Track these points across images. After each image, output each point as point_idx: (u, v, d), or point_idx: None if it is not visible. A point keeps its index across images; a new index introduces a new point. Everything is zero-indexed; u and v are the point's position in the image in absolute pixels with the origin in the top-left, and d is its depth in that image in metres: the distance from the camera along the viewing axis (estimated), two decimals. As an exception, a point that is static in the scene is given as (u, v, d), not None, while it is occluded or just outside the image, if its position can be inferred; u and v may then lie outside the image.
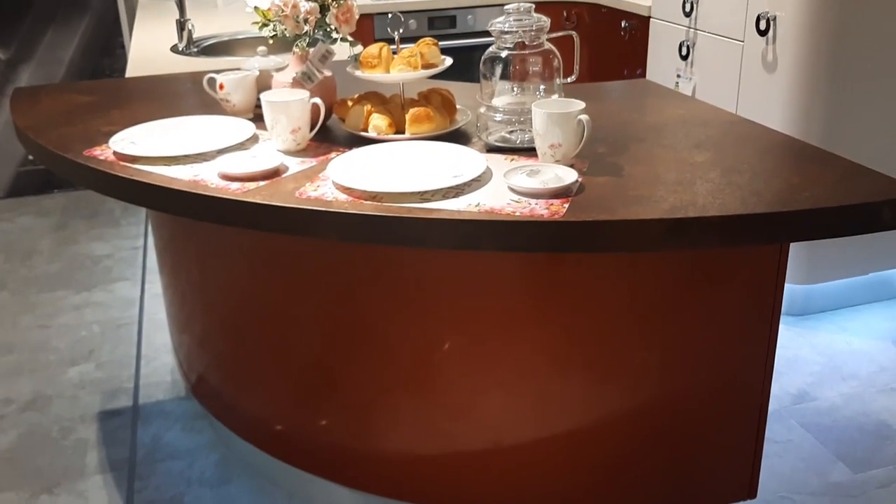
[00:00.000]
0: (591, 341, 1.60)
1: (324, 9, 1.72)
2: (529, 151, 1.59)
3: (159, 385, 2.54)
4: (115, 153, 1.63)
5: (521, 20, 1.63)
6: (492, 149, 1.65)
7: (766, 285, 1.60)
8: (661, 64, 3.21)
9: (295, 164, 1.58)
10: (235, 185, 1.47)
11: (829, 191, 1.35)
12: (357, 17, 1.79)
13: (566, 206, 1.34)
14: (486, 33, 1.67)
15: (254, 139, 1.73)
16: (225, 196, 1.42)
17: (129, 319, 2.95)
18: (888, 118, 2.61)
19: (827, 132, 2.57)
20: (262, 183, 1.48)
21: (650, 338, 1.60)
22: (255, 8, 1.70)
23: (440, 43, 1.81)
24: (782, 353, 2.59)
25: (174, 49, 2.81)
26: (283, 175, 1.52)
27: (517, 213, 1.32)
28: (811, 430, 2.25)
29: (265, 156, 1.58)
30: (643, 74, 3.37)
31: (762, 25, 2.58)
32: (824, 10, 2.45)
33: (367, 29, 3.68)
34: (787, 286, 2.75)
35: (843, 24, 2.47)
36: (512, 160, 1.58)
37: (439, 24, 3.79)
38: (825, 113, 2.55)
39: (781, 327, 2.70)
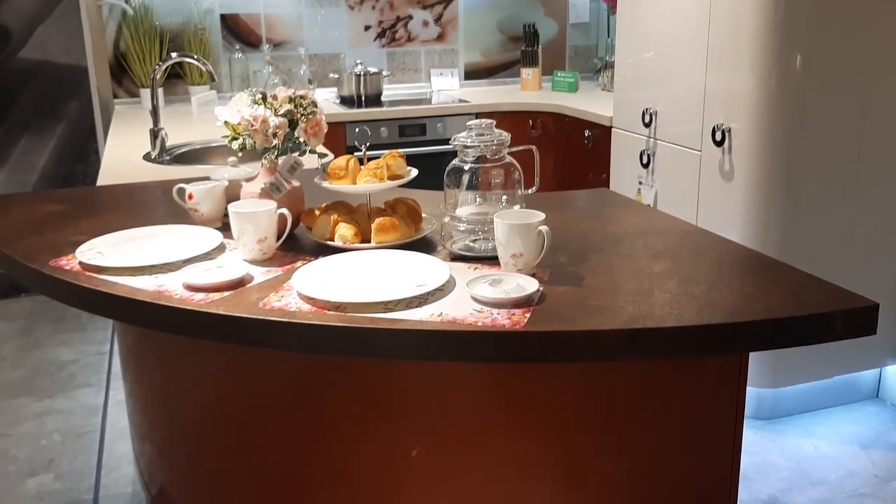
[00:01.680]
0: (555, 451, 1.59)
1: (293, 123, 1.77)
2: (492, 260, 1.62)
3: (119, 497, 2.47)
4: (81, 263, 1.64)
5: (483, 135, 1.69)
6: (456, 257, 1.68)
7: (728, 392, 1.62)
8: (623, 171, 3.31)
9: (260, 274, 1.59)
10: (200, 296, 1.47)
11: (784, 301, 1.38)
12: (325, 129, 1.85)
13: (528, 315, 1.36)
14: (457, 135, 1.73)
15: (220, 248, 1.75)
16: (188, 307, 1.42)
17: (92, 427, 2.88)
18: (842, 226, 2.70)
19: (784, 239, 2.64)
20: (226, 293, 1.48)
21: (614, 447, 1.60)
22: (226, 122, 1.75)
23: (411, 149, 1.86)
24: (751, 458, 2.59)
25: (147, 157, 2.85)
26: (248, 285, 1.53)
27: (479, 323, 1.34)
28: (783, 537, 2.23)
29: (231, 265, 1.60)
30: (608, 179, 3.47)
31: (718, 136, 2.69)
32: (776, 122, 2.56)
33: (340, 136, 3.77)
34: (754, 390, 2.77)
35: (796, 136, 2.58)
36: (475, 269, 1.61)
37: (410, 131, 3.90)
38: (781, 220, 2.63)
39: (749, 432, 2.70)
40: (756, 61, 2.55)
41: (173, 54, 2.92)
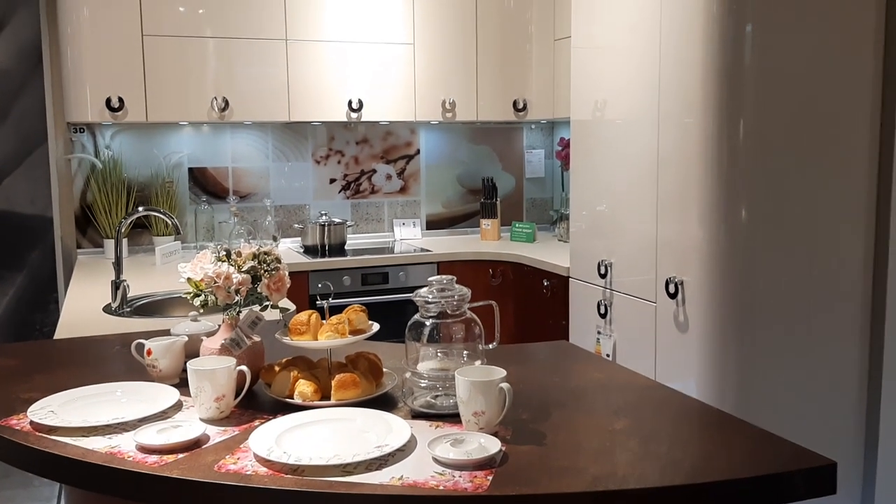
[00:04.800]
0: None
1: (255, 279, 1.79)
2: (454, 417, 1.61)
3: None
4: (31, 423, 1.59)
5: (444, 291, 1.71)
6: (417, 415, 1.66)
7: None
8: (582, 320, 3.35)
9: (217, 434, 1.56)
10: (153, 458, 1.43)
11: (744, 460, 1.39)
12: (288, 284, 1.86)
13: (490, 478, 1.34)
14: (417, 290, 1.75)
15: (177, 406, 1.71)
16: (140, 470, 1.38)
17: None
18: (798, 376, 2.73)
19: (741, 389, 2.66)
20: (181, 455, 1.45)
21: None
22: (188, 279, 1.76)
23: (373, 297, 1.87)
24: None
25: (107, 308, 2.83)
26: (205, 446, 1.50)
27: (441, 487, 1.32)
28: None
29: (187, 425, 1.56)
30: (567, 326, 3.50)
31: (671, 289, 2.75)
32: (727, 274, 2.64)
33: (303, 285, 3.78)
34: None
35: (746, 287, 2.65)
36: (437, 426, 1.59)
37: (372, 279, 3.93)
38: (737, 372, 2.67)
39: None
40: (704, 215, 2.66)
41: (140, 208, 2.97)
